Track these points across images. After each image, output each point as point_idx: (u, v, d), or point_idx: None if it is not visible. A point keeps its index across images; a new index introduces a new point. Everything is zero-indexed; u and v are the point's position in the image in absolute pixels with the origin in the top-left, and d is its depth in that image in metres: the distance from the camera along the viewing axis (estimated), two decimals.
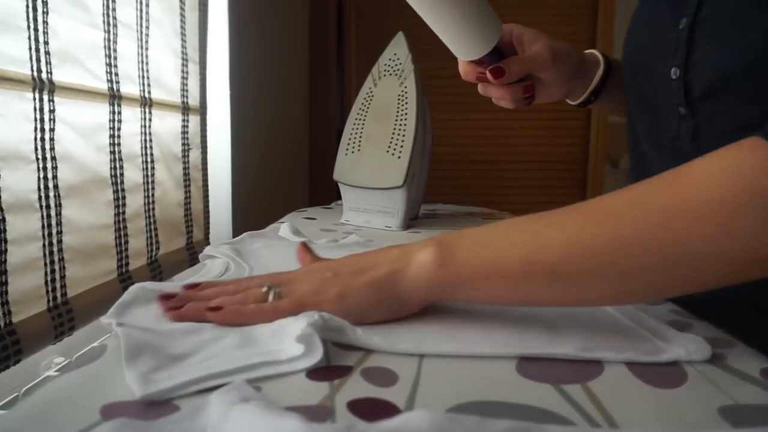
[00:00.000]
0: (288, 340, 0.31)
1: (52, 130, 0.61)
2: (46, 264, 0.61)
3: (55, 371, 0.63)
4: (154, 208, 0.85)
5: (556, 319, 0.38)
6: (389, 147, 0.79)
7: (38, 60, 0.59)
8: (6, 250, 0.55)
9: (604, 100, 0.63)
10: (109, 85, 0.73)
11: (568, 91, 0.61)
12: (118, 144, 0.75)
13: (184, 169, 0.96)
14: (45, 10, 0.60)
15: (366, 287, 0.36)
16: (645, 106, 0.53)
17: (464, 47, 0.49)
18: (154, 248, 0.86)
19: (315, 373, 0.29)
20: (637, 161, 0.57)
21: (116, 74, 0.74)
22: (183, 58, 0.94)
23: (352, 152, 0.82)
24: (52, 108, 0.61)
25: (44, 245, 0.60)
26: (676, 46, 0.46)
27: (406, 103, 0.79)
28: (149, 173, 0.84)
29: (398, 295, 0.36)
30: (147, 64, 0.82)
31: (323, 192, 1.86)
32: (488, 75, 0.51)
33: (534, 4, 1.83)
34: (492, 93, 0.56)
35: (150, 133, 0.84)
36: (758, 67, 0.39)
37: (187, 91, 0.96)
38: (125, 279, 0.77)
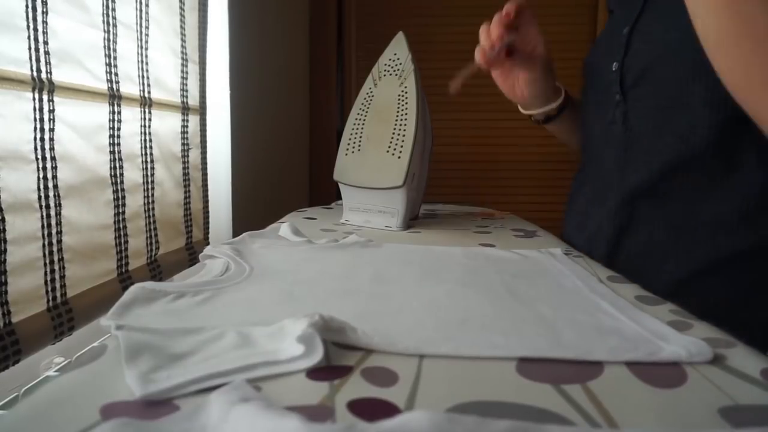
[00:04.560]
0: (288, 340, 0.31)
1: (51, 130, 0.61)
2: (45, 264, 0.61)
3: (55, 371, 0.63)
4: (153, 208, 0.85)
5: (556, 320, 0.38)
6: (389, 147, 0.78)
7: (38, 60, 0.59)
8: (5, 250, 0.55)
9: (558, 122, 0.79)
10: (109, 85, 0.73)
11: (532, 94, 0.74)
12: (118, 144, 0.75)
13: (184, 169, 0.96)
14: (45, 10, 0.60)
15: None
16: (594, 94, 0.71)
17: None
18: (153, 248, 0.86)
19: (315, 373, 0.29)
20: (585, 141, 0.76)
21: (116, 74, 0.74)
22: (183, 58, 0.94)
23: (352, 152, 0.82)
24: (51, 108, 0.61)
25: (44, 245, 0.60)
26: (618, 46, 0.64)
27: (406, 103, 0.79)
28: (149, 173, 0.84)
29: None
30: (147, 64, 0.82)
31: (323, 192, 1.86)
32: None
33: (534, 4, 1.81)
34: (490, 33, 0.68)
35: (150, 133, 0.84)
36: (672, 55, 0.56)
37: (186, 91, 0.96)
38: (125, 279, 0.77)
